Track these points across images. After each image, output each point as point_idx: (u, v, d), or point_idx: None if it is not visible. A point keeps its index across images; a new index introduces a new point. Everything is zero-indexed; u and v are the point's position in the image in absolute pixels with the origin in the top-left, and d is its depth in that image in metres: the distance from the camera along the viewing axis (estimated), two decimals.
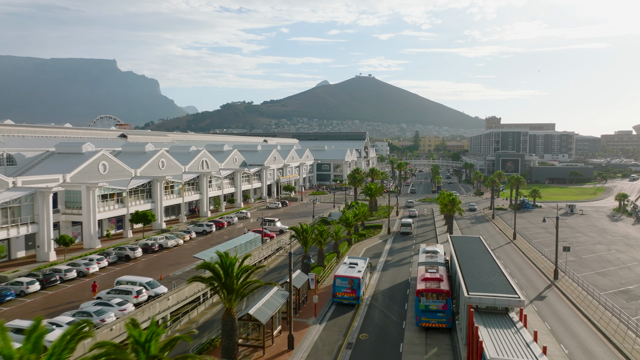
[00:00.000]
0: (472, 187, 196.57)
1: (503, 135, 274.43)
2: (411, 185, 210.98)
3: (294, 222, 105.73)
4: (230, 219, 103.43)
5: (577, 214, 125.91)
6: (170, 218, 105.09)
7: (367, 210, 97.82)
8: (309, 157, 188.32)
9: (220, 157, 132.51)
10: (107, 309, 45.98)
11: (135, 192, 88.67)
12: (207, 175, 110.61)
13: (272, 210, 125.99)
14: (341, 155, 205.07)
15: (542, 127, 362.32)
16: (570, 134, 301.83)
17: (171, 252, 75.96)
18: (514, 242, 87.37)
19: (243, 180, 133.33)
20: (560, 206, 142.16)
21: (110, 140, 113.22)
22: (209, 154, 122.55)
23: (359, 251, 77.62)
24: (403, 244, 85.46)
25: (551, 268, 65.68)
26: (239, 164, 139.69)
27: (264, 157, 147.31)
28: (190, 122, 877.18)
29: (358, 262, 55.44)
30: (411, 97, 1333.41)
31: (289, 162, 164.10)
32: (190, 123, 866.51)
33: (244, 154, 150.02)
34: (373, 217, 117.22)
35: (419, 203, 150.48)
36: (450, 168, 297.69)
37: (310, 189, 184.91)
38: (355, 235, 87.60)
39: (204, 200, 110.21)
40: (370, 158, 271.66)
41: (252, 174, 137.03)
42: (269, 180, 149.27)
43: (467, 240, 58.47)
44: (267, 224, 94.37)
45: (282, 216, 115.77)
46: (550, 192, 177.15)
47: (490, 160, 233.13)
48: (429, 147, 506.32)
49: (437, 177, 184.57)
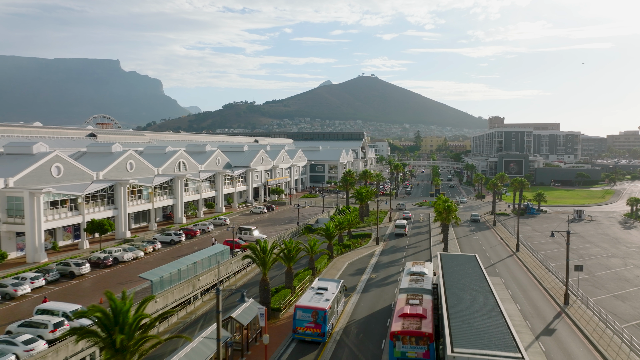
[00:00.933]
0: (473, 190, 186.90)
1: (506, 135, 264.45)
2: (408, 187, 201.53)
3: (276, 230, 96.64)
4: (205, 227, 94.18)
5: (585, 220, 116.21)
6: (140, 225, 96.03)
7: (353, 217, 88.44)
8: (301, 157, 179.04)
9: (201, 158, 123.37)
10: (6, 350, 36.77)
11: (94, 198, 79.56)
12: (182, 178, 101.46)
13: (255, 216, 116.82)
14: (336, 156, 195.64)
15: (546, 127, 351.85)
16: (576, 134, 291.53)
17: (127, 267, 66.81)
18: (517, 254, 77.79)
19: (226, 183, 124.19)
20: (566, 211, 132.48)
21: (76, 140, 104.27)
22: (187, 155, 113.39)
23: (340, 267, 68.18)
24: (392, 256, 75.99)
25: (561, 290, 56.14)
26: (222, 165, 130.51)
27: (250, 158, 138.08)
28: (192, 122, 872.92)
29: (328, 286, 46.13)
30: (414, 97, 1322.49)
31: (278, 163, 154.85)
32: (192, 123, 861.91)
33: (229, 155, 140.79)
34: (364, 223, 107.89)
35: (415, 207, 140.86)
36: (452, 169, 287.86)
37: (303, 192, 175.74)
38: (339, 246, 78.20)
39: (178, 205, 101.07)
40: (368, 159, 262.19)
41: (236, 176, 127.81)
42: (256, 182, 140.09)
43: (460, 260, 49.00)
44: (242, 233, 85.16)
45: (265, 223, 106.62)
46: (556, 196, 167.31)
47: (493, 161, 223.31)
48: (431, 148, 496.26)
49: (436, 179, 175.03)
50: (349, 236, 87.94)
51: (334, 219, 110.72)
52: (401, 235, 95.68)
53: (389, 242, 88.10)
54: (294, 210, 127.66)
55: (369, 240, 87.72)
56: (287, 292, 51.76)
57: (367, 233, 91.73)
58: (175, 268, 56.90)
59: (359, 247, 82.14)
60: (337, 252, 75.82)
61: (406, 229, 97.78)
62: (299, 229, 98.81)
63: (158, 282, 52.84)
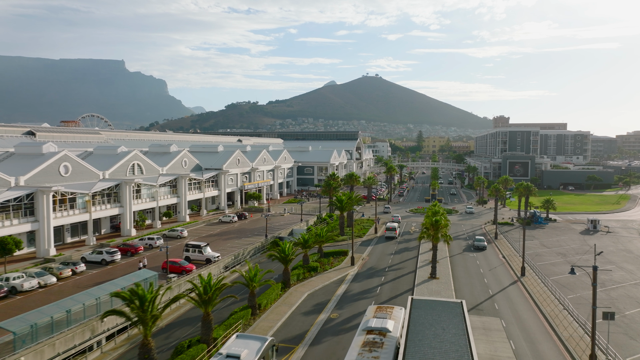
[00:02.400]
0: (475, 194, 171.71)
1: (511, 134, 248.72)
2: (405, 191, 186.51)
3: (240, 244, 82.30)
4: (152, 241, 79.72)
5: (601, 232, 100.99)
6: (79, 239, 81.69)
7: (325, 232, 73.64)
8: (287, 159, 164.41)
9: (164, 160, 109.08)
10: None
11: (5, 209, 65.31)
12: (131, 183, 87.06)
13: (223, 226, 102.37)
14: (326, 157, 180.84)
15: (552, 127, 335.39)
16: (585, 134, 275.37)
17: (26, 300, 52.49)
18: (523, 280, 62.81)
19: (193, 188, 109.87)
20: (578, 219, 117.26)
21: (6, 139, 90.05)
22: (142, 156, 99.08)
23: (294, 301, 53.36)
24: (366, 283, 61.19)
25: (582, 342, 41.28)
26: (190, 168, 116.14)
27: (224, 160, 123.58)
28: (194, 122, 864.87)
29: (246, 351, 31.50)
30: (419, 97, 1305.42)
31: (258, 165, 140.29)
32: (194, 123, 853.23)
33: (200, 156, 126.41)
34: (346, 236, 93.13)
35: (408, 215, 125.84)
36: (454, 171, 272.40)
37: (289, 196, 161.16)
38: (303, 269, 63.51)
39: (126, 215, 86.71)
40: (364, 160, 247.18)
41: (205, 180, 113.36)
42: (231, 187, 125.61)
43: (439, 309, 34.03)
44: (191, 251, 70.73)
45: (231, 235, 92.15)
46: (565, 201, 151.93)
47: (497, 162, 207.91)
48: (433, 148, 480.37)
49: (433, 183, 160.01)
50: (320, 255, 73.12)
51: (311, 231, 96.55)
52: (392, 238, 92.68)
53: (368, 262, 73.27)
54: (271, 219, 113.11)
55: (344, 259, 72.91)
56: (200, 348, 37.16)
57: (343, 250, 76.75)
58: (64, 309, 42.62)
59: (329, 269, 67.31)
60: (298, 278, 61.08)
61: (397, 232, 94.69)
62: (266, 244, 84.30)
63: (26, 334, 38.49)
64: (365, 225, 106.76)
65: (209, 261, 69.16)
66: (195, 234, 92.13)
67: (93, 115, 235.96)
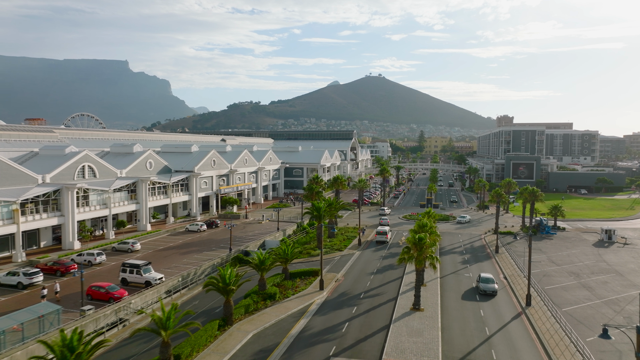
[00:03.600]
0: (476, 198, 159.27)
1: (515, 134, 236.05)
2: (402, 194, 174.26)
3: (198, 260, 70.68)
4: (92, 257, 67.94)
5: (618, 244, 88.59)
6: (6, 254, 69.88)
7: (290, 249, 61.67)
8: (272, 160, 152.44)
9: (126, 162, 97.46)
10: None
11: None
12: (73, 189, 75.32)
13: (189, 236, 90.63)
14: (316, 158, 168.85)
15: (558, 126, 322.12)
16: (593, 134, 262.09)
17: None
18: (529, 312, 50.56)
19: (158, 193, 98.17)
20: (590, 228, 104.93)
21: None
22: (95, 157, 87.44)
23: (230, 347, 41.16)
24: (332, 318, 49.10)
25: None
26: (157, 170, 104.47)
27: (197, 161, 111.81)
28: (196, 123, 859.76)
29: None
30: (422, 98, 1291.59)
31: (239, 166, 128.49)
32: (196, 123, 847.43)
33: (171, 157, 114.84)
34: (326, 249, 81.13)
35: (401, 222, 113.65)
36: (454, 172, 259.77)
37: (275, 200, 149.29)
38: (256, 297, 51.53)
39: (68, 225, 75.03)
40: (360, 161, 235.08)
41: (172, 184, 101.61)
42: (205, 191, 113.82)
43: None
44: (128, 272, 58.92)
45: (194, 246, 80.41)
46: (574, 206, 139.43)
47: (500, 163, 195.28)
48: (435, 148, 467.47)
49: (431, 186, 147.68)
50: (284, 277, 61.02)
51: (286, 242, 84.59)
52: (383, 243, 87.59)
53: (343, 284, 61.18)
54: (246, 227, 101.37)
55: (313, 281, 60.82)
56: None
57: (316, 270, 64.36)
58: None
59: (292, 295, 55.23)
60: (247, 310, 49.03)
61: (388, 236, 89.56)
62: (228, 259, 72.40)
63: None
64: (350, 234, 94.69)
65: (148, 284, 57.38)
66: (151, 247, 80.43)
67: (84, 115, 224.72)
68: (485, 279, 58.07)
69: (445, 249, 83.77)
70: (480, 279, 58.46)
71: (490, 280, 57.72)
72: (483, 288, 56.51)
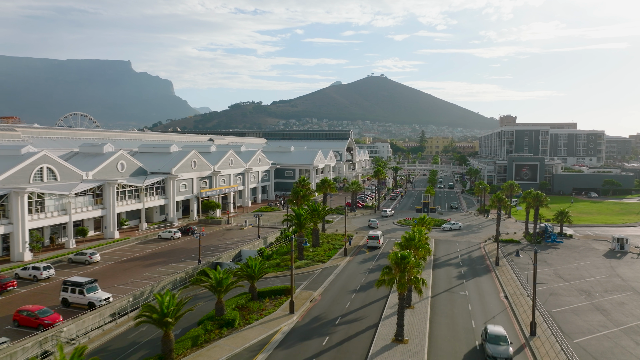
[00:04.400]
0: (476, 201, 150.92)
1: (517, 134, 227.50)
2: (399, 197, 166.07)
3: (162, 273, 62.89)
4: (37, 272, 60.06)
5: (632, 254, 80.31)
6: None
7: (259, 263, 53.70)
8: (262, 160, 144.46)
9: (94, 163, 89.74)
10: None
11: None
12: (23, 193, 67.54)
13: (161, 244, 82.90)
14: (309, 159, 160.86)
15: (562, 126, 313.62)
16: (599, 134, 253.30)
17: None
18: (533, 344, 42.43)
19: (130, 197, 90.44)
20: (599, 235, 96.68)
21: None
22: (56, 158, 79.71)
23: None
24: (299, 351, 41.05)
25: None
26: (130, 172, 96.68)
27: (175, 162, 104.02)
28: (197, 123, 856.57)
29: None
30: (425, 98, 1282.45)
31: (223, 168, 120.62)
32: (197, 123, 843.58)
33: (148, 158, 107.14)
34: (306, 259, 73.21)
35: (395, 228, 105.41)
36: (455, 173, 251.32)
37: (264, 202, 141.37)
38: (210, 325, 43.54)
39: (17, 234, 67.29)
40: (357, 161, 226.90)
41: (145, 187, 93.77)
42: (184, 194, 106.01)
43: None
44: (70, 290, 51.09)
45: (162, 257, 72.63)
46: (580, 210, 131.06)
47: (502, 164, 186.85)
48: (437, 149, 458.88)
49: (428, 188, 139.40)
50: (250, 297, 53.00)
51: (264, 253, 76.76)
52: (375, 248, 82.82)
53: (319, 304, 53.12)
54: (225, 234, 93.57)
55: (285, 302, 52.73)
56: None
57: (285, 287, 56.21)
58: None
59: (254, 321, 47.16)
60: (196, 343, 40.98)
61: (380, 241, 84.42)
62: (195, 272, 64.47)
63: None
64: (338, 243, 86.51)
65: (92, 306, 49.51)
66: (114, 257, 72.60)
67: (77, 114, 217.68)
68: (495, 336, 39.65)
69: (440, 260, 75.68)
70: (488, 336, 39.99)
71: (501, 338, 39.35)
72: (492, 353, 38.02)
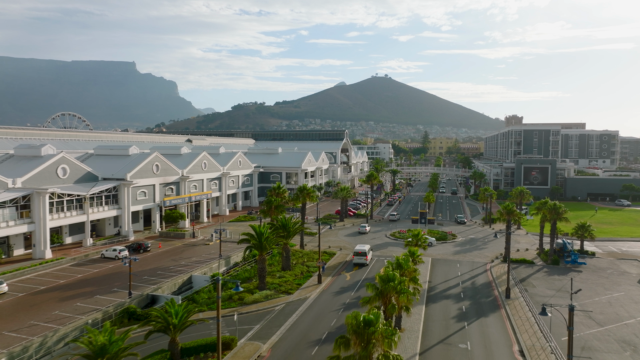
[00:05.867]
0: (481, 209, 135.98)
1: (526, 134, 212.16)
2: (397, 202, 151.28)
3: (79, 310, 48.29)
4: None
5: None
6: None
7: (182, 310, 39.29)
8: (242, 163, 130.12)
9: (28, 168, 75.76)
10: None
11: None
12: None
13: (102, 265, 68.72)
14: (297, 161, 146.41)
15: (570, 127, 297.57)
16: (612, 134, 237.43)
17: None
18: None
19: (71, 208, 76.36)
20: (624, 251, 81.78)
21: None
22: None
23: None
24: None
25: None
26: (75, 178, 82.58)
27: (133, 166, 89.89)
28: (200, 123, 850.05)
29: None
30: (429, 98, 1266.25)
31: (194, 172, 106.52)
32: (200, 124, 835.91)
33: (103, 161, 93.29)
34: (267, 292, 58.98)
35: (387, 242, 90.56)
36: (459, 177, 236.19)
37: (245, 210, 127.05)
38: None
39: None
40: (353, 164, 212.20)
41: (91, 196, 79.67)
42: (144, 203, 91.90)
43: None
44: None
45: (90, 285, 58.44)
46: (599, 220, 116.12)
47: (509, 167, 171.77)
48: (440, 150, 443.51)
49: (428, 195, 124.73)
50: (169, 356, 38.52)
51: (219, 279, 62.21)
52: (362, 265, 72.63)
53: None
54: (186, 251, 79.28)
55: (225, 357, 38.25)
56: None
57: (229, 338, 41.83)
58: None
59: None
60: None
61: (368, 257, 73.36)
62: (116, 312, 50.10)
63: None
64: (315, 265, 71.71)
65: None
66: (28, 286, 58.44)
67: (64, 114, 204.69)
68: None
69: (437, 289, 61.06)
70: None
71: None
72: None
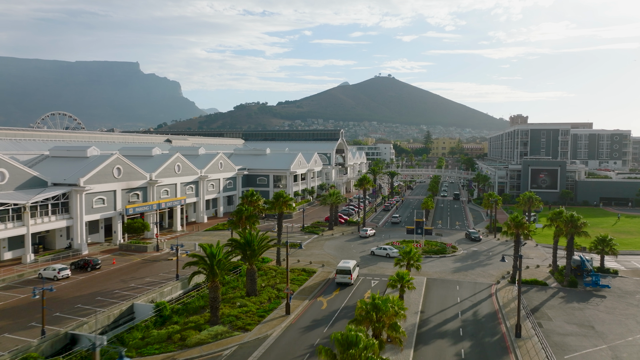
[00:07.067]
0: (486, 215, 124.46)
1: (533, 134, 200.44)
2: (394, 207, 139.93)
3: None
4: None
5: None
6: None
7: None
8: (224, 165, 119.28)
9: None
10: None
11: None
12: None
13: (32, 288, 57.62)
14: (286, 163, 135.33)
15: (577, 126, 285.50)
16: (624, 133, 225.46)
17: None
18: None
19: (8, 219, 65.61)
20: None
21: None
22: None
23: None
24: None
25: None
26: (18, 183, 71.87)
27: (88, 170, 79.06)
28: (202, 124, 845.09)
29: None
30: (433, 98, 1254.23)
31: (164, 176, 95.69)
32: (202, 124, 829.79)
33: (57, 164, 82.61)
34: (221, 327, 48.17)
35: (377, 257, 79.28)
36: (462, 179, 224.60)
37: (226, 217, 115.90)
38: None
39: None
40: (351, 165, 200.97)
41: (33, 204, 68.90)
42: (102, 211, 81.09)
43: None
44: None
45: (5, 318, 47.55)
46: (615, 229, 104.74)
47: (515, 169, 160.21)
48: (443, 150, 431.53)
49: (426, 201, 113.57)
50: None
51: (162, 311, 51.52)
52: (345, 285, 62.26)
53: None
54: (143, 268, 68.44)
55: None
56: None
57: None
58: None
59: None
60: None
61: (352, 277, 62.68)
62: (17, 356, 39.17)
63: None
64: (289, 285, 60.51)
65: None
66: None
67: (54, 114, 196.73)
68: None
69: (430, 323, 49.79)
70: None
71: None
72: None
